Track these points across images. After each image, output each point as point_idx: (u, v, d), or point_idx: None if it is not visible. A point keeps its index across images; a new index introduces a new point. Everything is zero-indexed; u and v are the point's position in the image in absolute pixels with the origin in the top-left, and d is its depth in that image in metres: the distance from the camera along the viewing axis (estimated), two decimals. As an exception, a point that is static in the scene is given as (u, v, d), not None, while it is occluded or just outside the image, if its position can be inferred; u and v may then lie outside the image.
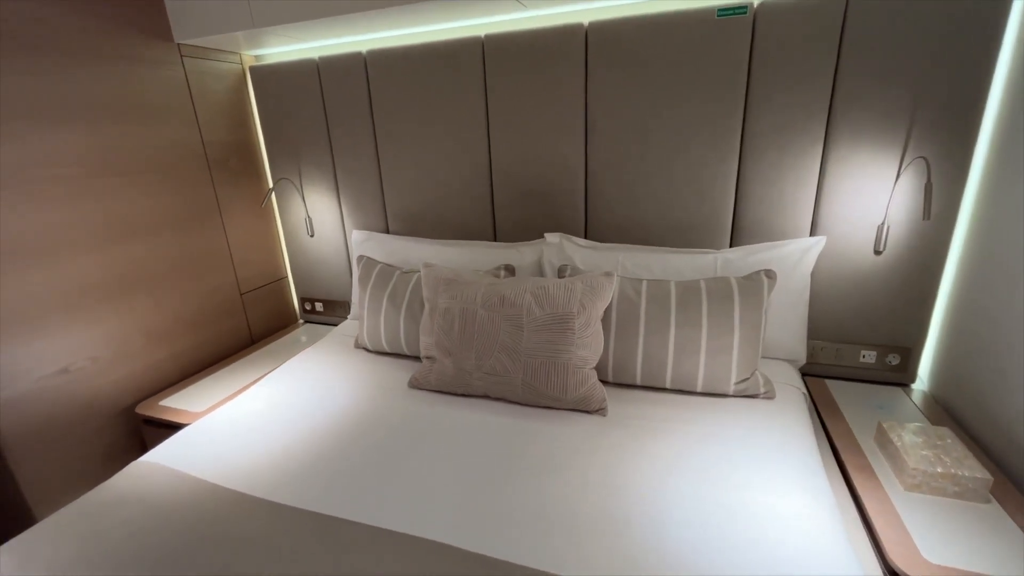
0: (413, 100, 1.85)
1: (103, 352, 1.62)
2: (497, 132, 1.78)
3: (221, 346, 2.07)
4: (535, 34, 1.62)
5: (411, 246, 1.97)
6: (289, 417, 1.43)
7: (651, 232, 1.71)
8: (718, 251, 1.59)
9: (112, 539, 1.02)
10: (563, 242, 1.74)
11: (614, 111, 1.61)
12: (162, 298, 1.81)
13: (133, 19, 1.67)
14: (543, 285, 1.44)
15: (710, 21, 1.44)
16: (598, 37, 1.56)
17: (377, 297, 1.76)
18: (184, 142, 1.85)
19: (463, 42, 1.71)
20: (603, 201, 1.73)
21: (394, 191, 2.01)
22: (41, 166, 1.43)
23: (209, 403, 1.70)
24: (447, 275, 1.58)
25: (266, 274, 2.28)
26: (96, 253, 1.59)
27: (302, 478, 1.18)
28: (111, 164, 1.61)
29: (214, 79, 1.97)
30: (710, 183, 1.58)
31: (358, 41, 1.95)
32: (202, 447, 1.32)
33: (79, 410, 1.57)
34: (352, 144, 2.00)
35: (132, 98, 1.67)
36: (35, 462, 1.47)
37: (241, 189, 2.11)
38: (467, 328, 1.47)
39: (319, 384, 1.61)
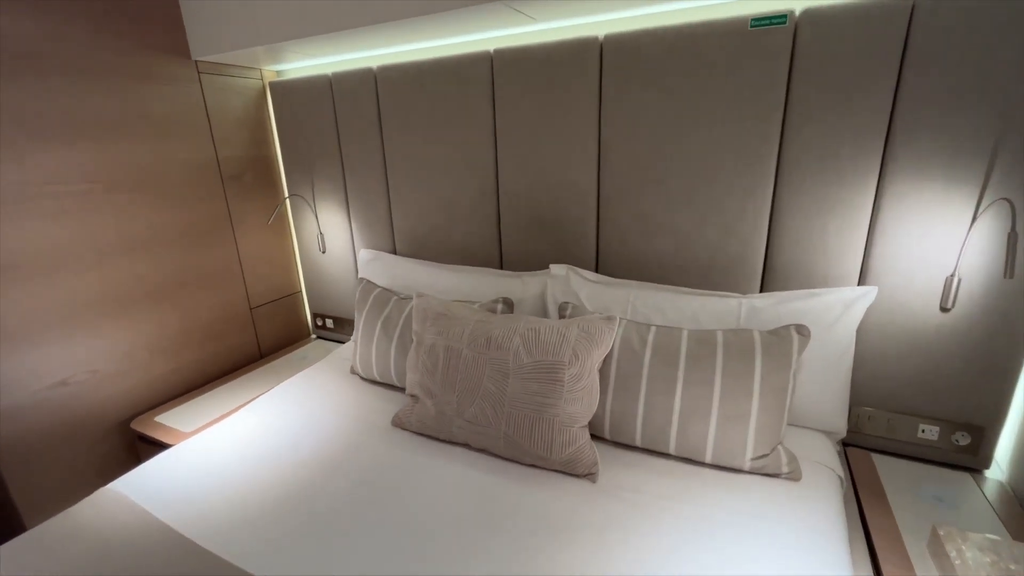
0: (421, 117, 1.76)
1: (104, 365, 1.64)
2: (505, 152, 1.65)
3: (228, 360, 2.06)
4: (546, 48, 1.48)
5: (415, 269, 1.88)
6: (262, 452, 1.37)
7: (668, 269, 1.52)
8: (744, 296, 1.37)
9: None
10: (570, 275, 1.58)
11: (630, 132, 1.44)
12: (168, 312, 1.82)
13: (152, 38, 1.69)
14: (534, 327, 1.29)
15: (742, 32, 1.25)
16: (614, 51, 1.40)
17: (371, 324, 1.68)
18: (197, 157, 1.86)
19: (471, 57, 1.60)
20: (616, 231, 1.56)
21: (401, 211, 1.93)
22: (50, 183, 1.46)
23: (200, 422, 1.68)
24: (437, 308, 1.47)
25: (278, 288, 2.27)
26: (102, 267, 1.61)
27: (255, 531, 1.09)
28: (121, 180, 1.63)
29: (232, 95, 1.98)
30: (738, 216, 1.38)
31: (370, 57, 1.89)
32: (171, 478, 1.27)
33: (76, 422, 1.59)
34: (362, 161, 1.94)
35: (146, 115, 1.68)
36: (29, 472, 1.50)
37: (256, 203, 2.11)
38: (451, 369, 1.34)
39: (303, 413, 1.55)
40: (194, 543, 1.06)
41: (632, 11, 1.39)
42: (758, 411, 1.15)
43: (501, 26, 1.50)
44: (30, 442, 1.49)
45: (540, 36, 1.55)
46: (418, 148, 1.80)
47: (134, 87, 1.65)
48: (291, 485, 1.23)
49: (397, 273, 1.90)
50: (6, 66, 1.35)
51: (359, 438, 1.41)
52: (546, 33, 1.56)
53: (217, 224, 1.96)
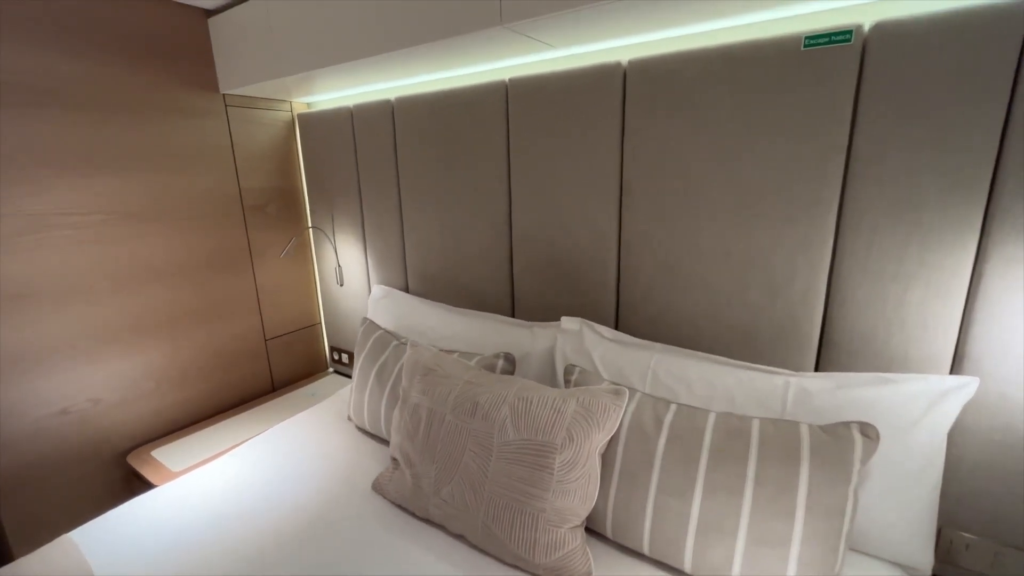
0: (435, 150, 1.65)
1: (107, 394, 1.63)
2: (519, 189, 1.49)
3: (239, 392, 2.02)
4: (564, 77, 1.33)
5: (424, 310, 1.74)
6: (230, 510, 1.25)
7: (701, 332, 1.27)
8: (793, 374, 1.10)
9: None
10: (583, 330, 1.37)
11: (657, 169, 1.24)
12: (180, 342, 1.80)
13: (183, 74, 1.72)
14: (527, 396, 1.10)
15: (793, 53, 1.02)
16: (640, 78, 1.21)
17: (366, 370, 1.55)
18: (219, 188, 1.87)
19: (486, 87, 1.48)
20: (639, 283, 1.34)
21: (414, 247, 1.82)
22: (67, 213, 1.49)
23: (191, 461, 1.62)
24: (428, 361, 1.31)
25: (296, 320, 2.23)
26: (114, 296, 1.61)
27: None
28: (139, 210, 1.65)
29: (259, 127, 1.98)
30: (788, 274, 1.12)
31: (390, 88, 1.82)
32: (129, 532, 1.19)
33: (74, 453, 1.58)
34: (378, 194, 1.86)
35: (168, 147, 1.70)
36: (23, 502, 1.49)
37: (278, 234, 2.09)
38: (432, 437, 1.17)
39: (286, 464, 1.43)
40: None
41: (660, 33, 1.21)
42: (802, 537, 0.87)
43: (516, 54, 1.37)
44: (26, 471, 1.48)
45: (558, 64, 1.39)
46: (431, 182, 1.69)
47: (159, 121, 1.67)
48: (245, 559, 1.10)
49: (405, 313, 1.78)
50: (31, 101, 1.39)
51: (335, 504, 1.27)
52: (565, 60, 1.41)
53: (236, 254, 1.95)
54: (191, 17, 1.71)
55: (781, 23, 1.11)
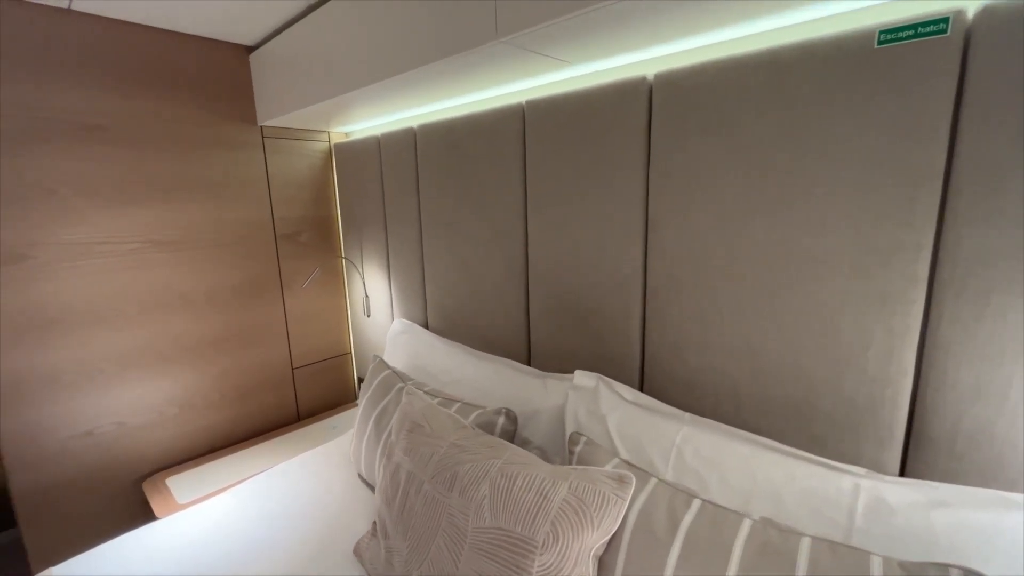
0: (453, 179, 1.54)
1: (130, 418, 1.66)
2: (535, 222, 1.33)
3: (262, 421, 2.01)
4: (582, 96, 1.16)
5: (438, 349, 1.62)
6: (210, 559, 1.18)
7: (743, 404, 1.01)
8: (868, 475, 0.82)
9: None
10: (600, 388, 1.16)
11: (689, 201, 1.02)
12: (205, 368, 1.82)
13: (224, 109, 1.78)
14: (512, 473, 0.91)
15: (862, 54, 0.78)
16: (668, 93, 1.02)
17: (368, 412, 1.44)
18: (252, 217, 1.89)
19: (502, 112, 1.35)
20: (667, 336, 1.11)
21: (433, 281, 1.71)
22: (104, 242, 1.55)
23: (198, 493, 1.59)
24: (417, 414, 1.17)
25: (325, 349, 2.20)
26: (143, 322, 1.65)
27: None
28: (173, 239, 1.70)
29: (295, 157, 2.01)
30: (858, 338, 0.85)
31: (415, 116, 1.76)
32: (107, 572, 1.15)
33: (95, 474, 1.61)
34: (401, 225, 1.79)
35: (205, 178, 1.75)
36: (44, 519, 1.53)
37: (310, 263, 2.09)
38: (408, 506, 1.02)
39: (278, 510, 1.34)
40: None
41: (691, 40, 1.01)
42: None
43: (531, 74, 1.23)
44: (51, 490, 1.53)
45: (579, 82, 1.23)
46: (449, 213, 1.58)
47: (197, 153, 1.73)
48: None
49: (420, 352, 1.67)
50: (77, 137, 1.48)
51: (313, 563, 1.15)
52: (587, 78, 1.24)
53: (266, 282, 1.96)
54: (234, 54, 1.77)
55: (843, 18, 0.87)
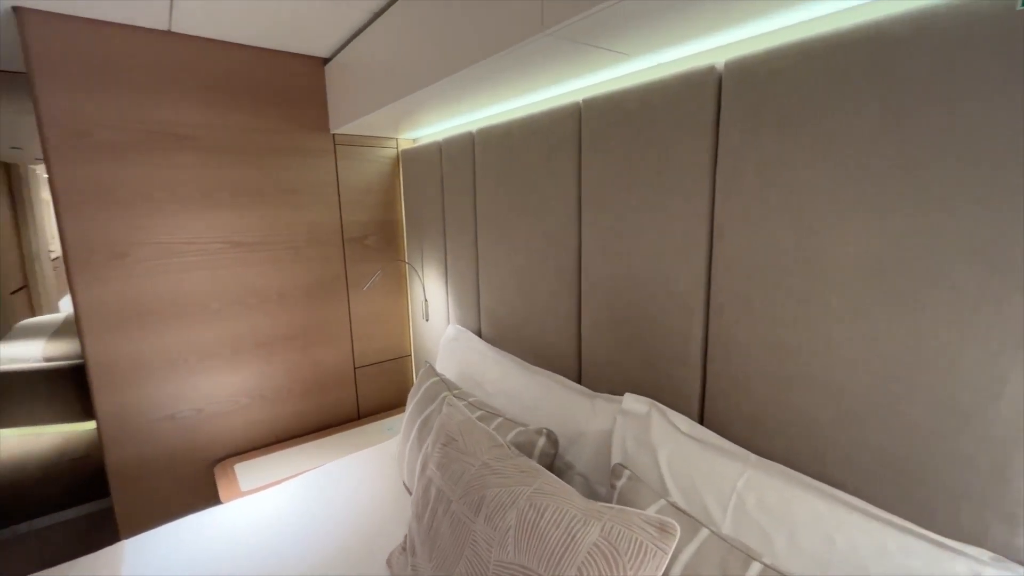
0: (507, 184, 1.49)
1: (208, 405, 1.80)
2: (589, 230, 1.24)
3: (324, 416, 2.09)
4: (642, 91, 1.05)
5: (488, 358, 1.57)
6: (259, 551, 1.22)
7: (824, 451, 0.84)
8: (990, 561, 0.63)
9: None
10: (652, 415, 1.04)
11: (762, 208, 0.88)
12: (275, 363, 1.93)
13: (300, 118, 1.88)
14: (541, 505, 0.83)
15: (996, 19, 0.61)
16: (740, 83, 0.88)
17: (412, 419, 1.43)
18: (323, 220, 1.98)
19: (558, 112, 1.27)
20: (733, 364, 0.96)
21: (487, 288, 1.67)
22: (190, 242, 1.69)
23: (261, 481, 1.68)
24: (454, 427, 1.12)
25: (386, 351, 2.25)
26: (222, 316, 1.78)
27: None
28: (250, 240, 1.82)
29: (364, 163, 2.07)
30: (986, 383, 0.66)
31: (476, 120, 1.73)
32: (171, 554, 1.22)
33: (176, 454, 1.76)
34: (458, 231, 1.77)
35: (281, 183, 1.86)
36: (131, 492, 1.69)
37: (375, 266, 2.15)
38: (435, 524, 0.97)
39: (324, 509, 1.37)
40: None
41: (769, 20, 0.86)
42: None
43: (587, 70, 1.14)
44: (137, 465, 1.69)
45: (637, 77, 1.12)
46: (503, 219, 1.53)
47: (274, 160, 1.84)
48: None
49: (471, 360, 1.63)
50: (172, 147, 1.63)
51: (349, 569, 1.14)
52: (647, 72, 1.13)
53: (333, 284, 2.04)
54: (310, 66, 1.87)
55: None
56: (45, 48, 1.41)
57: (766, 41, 0.87)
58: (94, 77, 1.49)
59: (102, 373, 1.59)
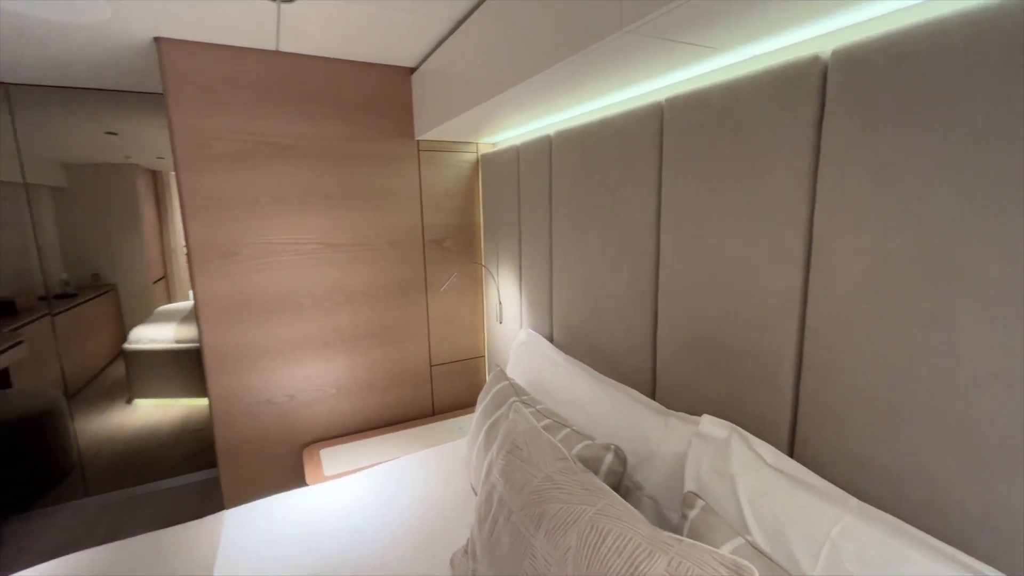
0: (582, 188, 1.45)
1: (299, 393, 1.95)
2: (668, 237, 1.16)
3: (401, 410, 2.18)
4: (733, 88, 0.97)
5: (558, 365, 1.54)
6: (332, 536, 1.30)
7: (943, 505, 0.71)
8: None
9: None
10: (733, 441, 0.95)
11: (874, 212, 0.76)
12: (358, 357, 2.05)
13: (388, 126, 1.98)
14: (603, 528, 0.79)
15: None
16: (851, 73, 0.78)
17: (480, 422, 1.44)
18: (405, 223, 2.07)
19: (638, 113, 1.21)
20: (833, 392, 0.85)
21: (560, 294, 1.64)
22: (289, 243, 1.85)
23: (343, 467, 1.79)
24: (519, 435, 1.11)
25: (461, 350, 2.30)
26: (314, 312, 1.93)
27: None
28: (341, 242, 1.95)
29: (445, 168, 2.13)
30: None
31: (554, 123, 1.71)
32: (258, 526, 1.34)
33: (272, 436, 1.93)
34: (533, 236, 1.76)
35: (369, 188, 1.97)
36: (234, 466, 1.88)
37: (453, 268, 2.20)
38: (496, 532, 0.97)
39: (393, 503, 1.43)
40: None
41: (893, 0, 0.75)
42: None
43: (672, 67, 1.07)
44: (239, 444, 1.88)
45: (725, 73, 1.03)
46: (576, 224, 1.49)
47: (365, 166, 1.95)
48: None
49: (541, 366, 1.61)
50: (274, 155, 1.79)
51: (411, 565, 1.18)
52: (738, 66, 1.03)
53: (413, 284, 2.13)
54: (399, 75, 1.96)
55: None
56: (177, 71, 1.62)
57: (879, 26, 0.75)
58: (213, 95, 1.67)
59: (214, 358, 1.79)
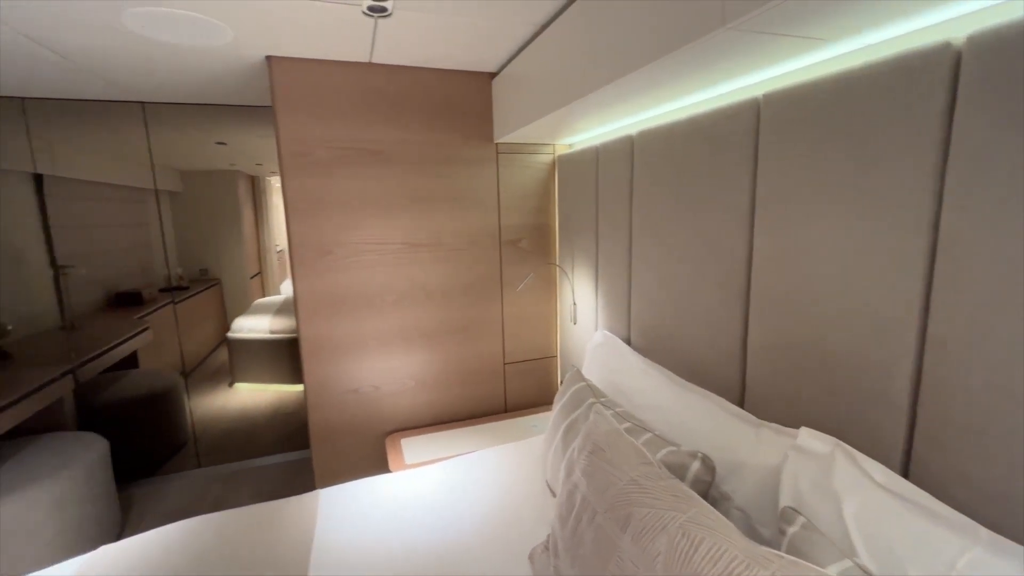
0: (665, 188, 1.42)
1: (383, 384, 2.07)
2: (764, 239, 1.11)
3: (475, 406, 2.25)
4: (843, 80, 0.90)
5: (636, 368, 1.52)
6: (413, 522, 1.37)
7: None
8: None
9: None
10: (837, 457, 0.89)
11: (1018, 213, 0.69)
12: (435, 352, 2.14)
13: (468, 130, 2.05)
14: (695, 536, 0.78)
15: None
16: (994, 60, 0.70)
17: (558, 422, 1.45)
18: (483, 224, 2.13)
19: (731, 109, 1.16)
20: (959, 412, 0.77)
21: (638, 296, 1.61)
22: (375, 243, 1.97)
23: (422, 458, 1.87)
24: (602, 436, 1.11)
25: (534, 350, 2.32)
26: (396, 308, 2.04)
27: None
28: (422, 241, 2.04)
29: (522, 169, 2.17)
30: None
31: (635, 123, 1.68)
32: (354, 507, 1.44)
33: (358, 423, 2.06)
34: (611, 236, 1.74)
35: (449, 190, 2.05)
36: (325, 450, 2.03)
37: (527, 267, 2.23)
38: (579, 532, 0.98)
39: (469, 495, 1.48)
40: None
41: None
42: None
43: (773, 61, 1.02)
44: (329, 429, 2.03)
45: (831, 65, 0.96)
46: (659, 224, 1.46)
47: (446, 169, 2.03)
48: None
49: (618, 368, 1.59)
50: (364, 161, 1.91)
51: (488, 559, 1.22)
52: (846, 58, 0.96)
53: (489, 283, 2.18)
54: (480, 81, 2.02)
55: None
56: (284, 86, 1.77)
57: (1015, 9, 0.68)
58: (314, 107, 1.82)
59: (310, 348, 1.94)
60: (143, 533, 1.35)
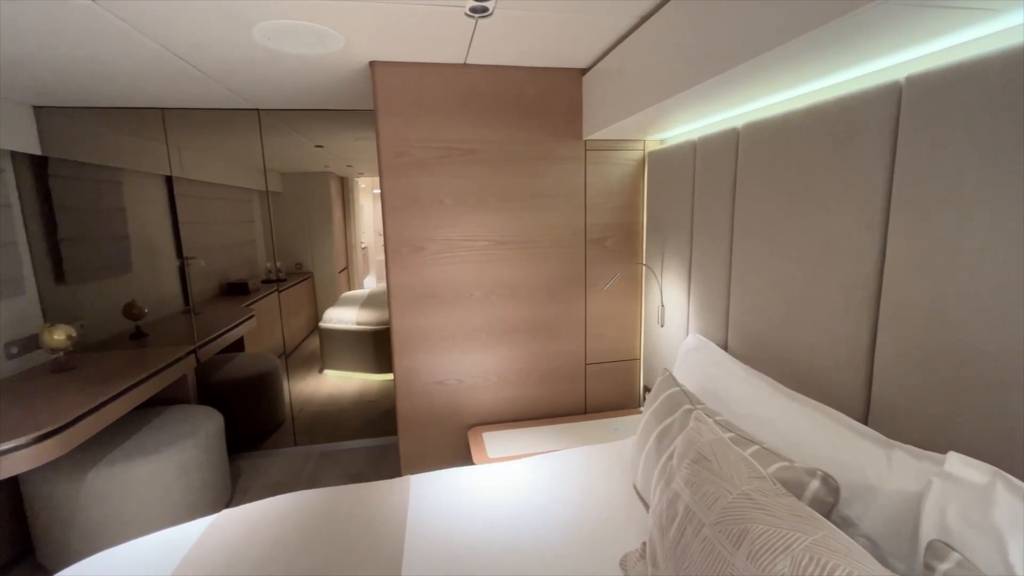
0: (776, 183, 1.32)
1: (467, 378, 2.12)
2: (901, 240, 1.00)
3: (554, 405, 2.24)
4: (1016, 56, 0.79)
5: (737, 376, 1.43)
6: (498, 517, 1.39)
7: None
8: None
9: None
10: (998, 488, 0.78)
11: None
12: (518, 349, 2.15)
13: (556, 128, 2.04)
14: (824, 561, 0.71)
15: None
16: None
17: (649, 428, 1.40)
18: (569, 222, 2.11)
19: (864, 95, 1.06)
20: None
21: (739, 299, 1.52)
22: (466, 239, 2.02)
23: (504, 452, 1.89)
24: (705, 445, 1.05)
25: (616, 351, 2.27)
26: (482, 303, 2.08)
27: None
28: (509, 239, 2.06)
29: (610, 167, 2.12)
30: None
31: (738, 116, 1.58)
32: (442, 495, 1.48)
33: (442, 414, 2.13)
34: (709, 236, 1.66)
35: (536, 188, 2.05)
36: (411, 438, 2.12)
37: (613, 267, 2.18)
38: (682, 543, 0.94)
39: (554, 496, 1.47)
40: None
41: None
42: None
43: (916, 39, 0.91)
44: (416, 418, 2.11)
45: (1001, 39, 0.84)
46: (769, 222, 1.36)
47: (535, 168, 2.04)
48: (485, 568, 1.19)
49: (715, 375, 1.51)
50: (458, 160, 1.96)
51: (577, 561, 1.20)
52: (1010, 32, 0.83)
53: (573, 281, 2.16)
54: (570, 78, 2.00)
55: None
56: (386, 90, 1.86)
57: None
58: (412, 109, 1.89)
59: (401, 339, 2.03)
60: (257, 501, 1.48)
